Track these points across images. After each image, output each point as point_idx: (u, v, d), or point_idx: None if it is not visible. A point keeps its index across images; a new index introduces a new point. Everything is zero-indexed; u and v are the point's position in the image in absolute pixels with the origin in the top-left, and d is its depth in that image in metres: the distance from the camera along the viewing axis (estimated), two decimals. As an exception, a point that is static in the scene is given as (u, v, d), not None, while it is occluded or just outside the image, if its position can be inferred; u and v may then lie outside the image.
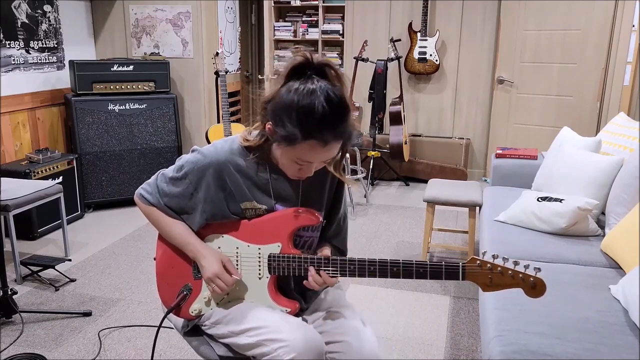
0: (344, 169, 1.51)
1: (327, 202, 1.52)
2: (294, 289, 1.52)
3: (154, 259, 1.57)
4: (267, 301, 1.46)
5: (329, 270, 1.39)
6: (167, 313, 1.51)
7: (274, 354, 1.31)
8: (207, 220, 1.45)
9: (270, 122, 1.31)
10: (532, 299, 1.31)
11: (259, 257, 1.45)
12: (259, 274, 1.46)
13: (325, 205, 1.52)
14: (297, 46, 1.40)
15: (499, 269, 1.31)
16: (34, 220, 3.59)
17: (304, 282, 1.41)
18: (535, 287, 1.29)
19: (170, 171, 1.47)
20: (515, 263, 1.31)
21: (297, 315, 1.48)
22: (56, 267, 3.01)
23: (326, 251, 1.48)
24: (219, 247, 1.48)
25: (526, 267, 1.30)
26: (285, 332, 1.33)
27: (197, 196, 1.43)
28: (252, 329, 1.38)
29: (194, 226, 1.47)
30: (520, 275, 1.30)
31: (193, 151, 1.45)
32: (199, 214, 1.44)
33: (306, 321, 1.50)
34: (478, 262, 1.32)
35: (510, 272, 1.30)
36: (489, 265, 1.31)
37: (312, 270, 1.40)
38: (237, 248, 1.47)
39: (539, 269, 1.29)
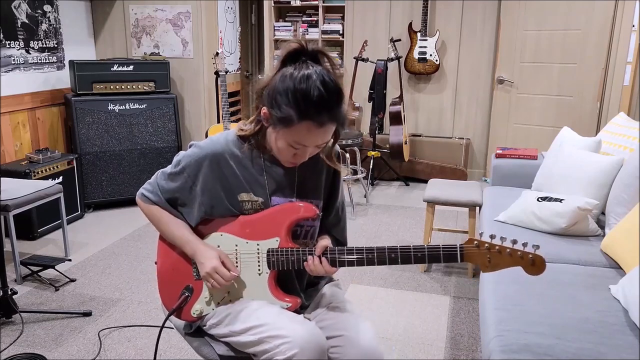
0: (339, 159, 1.51)
1: (325, 190, 1.53)
2: (297, 284, 1.53)
3: (155, 262, 1.57)
4: (267, 297, 1.46)
5: (327, 258, 1.39)
6: (169, 315, 1.51)
7: (276, 350, 1.31)
8: (206, 214, 1.46)
9: (266, 107, 1.32)
10: (531, 276, 1.29)
11: (258, 253, 1.45)
12: (259, 269, 1.46)
13: (323, 193, 1.52)
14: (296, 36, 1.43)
15: (497, 248, 1.29)
16: (34, 220, 3.59)
17: (304, 263, 1.41)
18: (534, 264, 1.27)
19: (168, 168, 1.49)
20: (514, 242, 1.29)
21: (298, 311, 1.48)
22: (56, 267, 3.01)
23: (325, 241, 1.48)
24: (218, 246, 1.48)
25: (524, 244, 1.28)
26: (287, 328, 1.33)
27: (195, 189, 1.45)
28: (254, 327, 1.38)
29: (192, 221, 1.48)
30: (519, 253, 1.28)
31: (190, 146, 1.47)
32: (197, 207, 1.45)
33: (308, 319, 1.50)
34: (475, 242, 1.31)
35: (508, 250, 1.29)
36: (486, 245, 1.30)
37: (311, 258, 1.40)
38: (236, 245, 1.47)
39: (537, 246, 1.27)
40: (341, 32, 5.39)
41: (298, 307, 1.47)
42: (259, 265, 1.46)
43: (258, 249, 1.45)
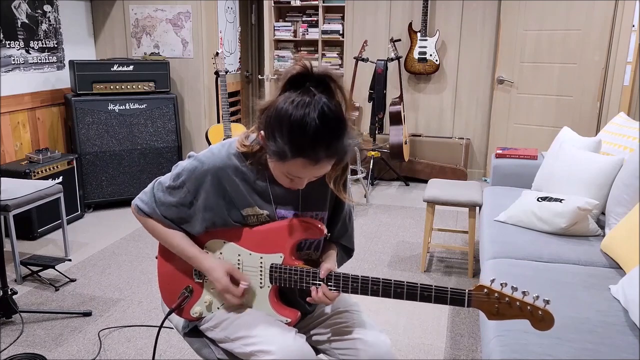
0: (345, 185, 1.46)
1: (330, 202, 1.49)
2: (298, 294, 1.50)
3: (156, 257, 1.56)
4: (268, 310, 1.44)
5: (330, 285, 1.37)
6: (168, 314, 1.51)
7: None
8: (208, 228, 1.42)
9: (263, 133, 1.26)
10: (539, 331, 1.25)
11: (261, 266, 1.43)
12: (261, 282, 1.44)
13: (329, 205, 1.49)
14: (301, 50, 1.35)
15: (507, 299, 1.24)
16: (34, 220, 3.59)
17: (308, 299, 1.39)
18: (543, 320, 1.22)
19: (167, 179, 1.43)
20: (524, 293, 1.24)
21: (302, 317, 1.47)
22: (56, 267, 3.01)
23: (329, 262, 1.44)
24: (221, 254, 1.46)
25: (535, 298, 1.23)
26: (276, 343, 1.32)
27: (196, 205, 1.40)
28: (246, 337, 1.37)
29: (194, 233, 1.44)
30: (529, 308, 1.22)
31: (189, 157, 1.42)
32: (199, 222, 1.41)
33: (309, 332, 1.50)
34: (485, 290, 1.26)
35: (518, 302, 1.23)
36: (496, 294, 1.25)
37: (314, 293, 1.38)
38: (239, 255, 1.44)
39: (547, 301, 1.21)
40: (341, 32, 5.38)
41: (298, 321, 1.45)
42: (261, 278, 1.43)
43: (261, 262, 1.42)
